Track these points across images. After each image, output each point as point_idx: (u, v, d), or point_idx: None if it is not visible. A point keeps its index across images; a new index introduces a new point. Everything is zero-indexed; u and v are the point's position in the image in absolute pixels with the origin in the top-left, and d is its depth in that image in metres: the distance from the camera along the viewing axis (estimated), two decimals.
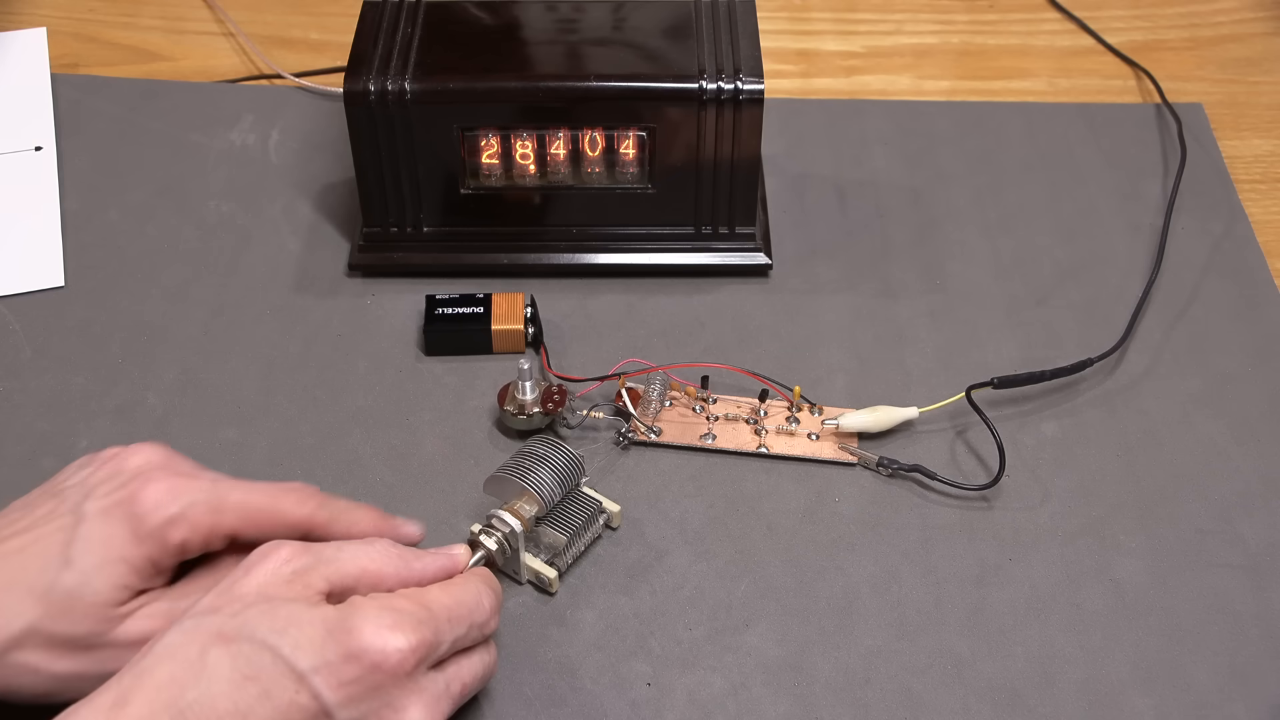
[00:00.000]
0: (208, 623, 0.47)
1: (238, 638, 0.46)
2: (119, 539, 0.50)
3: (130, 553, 0.50)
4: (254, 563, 0.49)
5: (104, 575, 0.50)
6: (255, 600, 0.48)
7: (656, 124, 0.69)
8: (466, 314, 0.69)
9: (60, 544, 0.50)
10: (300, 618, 0.47)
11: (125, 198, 0.78)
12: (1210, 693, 0.56)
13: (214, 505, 0.52)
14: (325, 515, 0.54)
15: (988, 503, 0.63)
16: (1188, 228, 0.77)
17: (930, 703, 0.56)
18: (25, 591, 0.49)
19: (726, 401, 0.67)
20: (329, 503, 0.54)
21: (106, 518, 0.50)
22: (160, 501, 0.51)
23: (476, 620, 0.51)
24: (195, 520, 0.51)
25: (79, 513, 0.51)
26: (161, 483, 0.51)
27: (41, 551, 0.50)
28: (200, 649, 0.46)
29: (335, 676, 0.46)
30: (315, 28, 0.92)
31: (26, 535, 0.50)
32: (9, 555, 0.50)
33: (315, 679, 0.46)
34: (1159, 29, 0.93)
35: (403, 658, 0.48)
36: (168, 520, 0.51)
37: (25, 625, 0.49)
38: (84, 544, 0.50)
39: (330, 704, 0.46)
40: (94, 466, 0.53)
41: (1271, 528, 0.62)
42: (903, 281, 0.74)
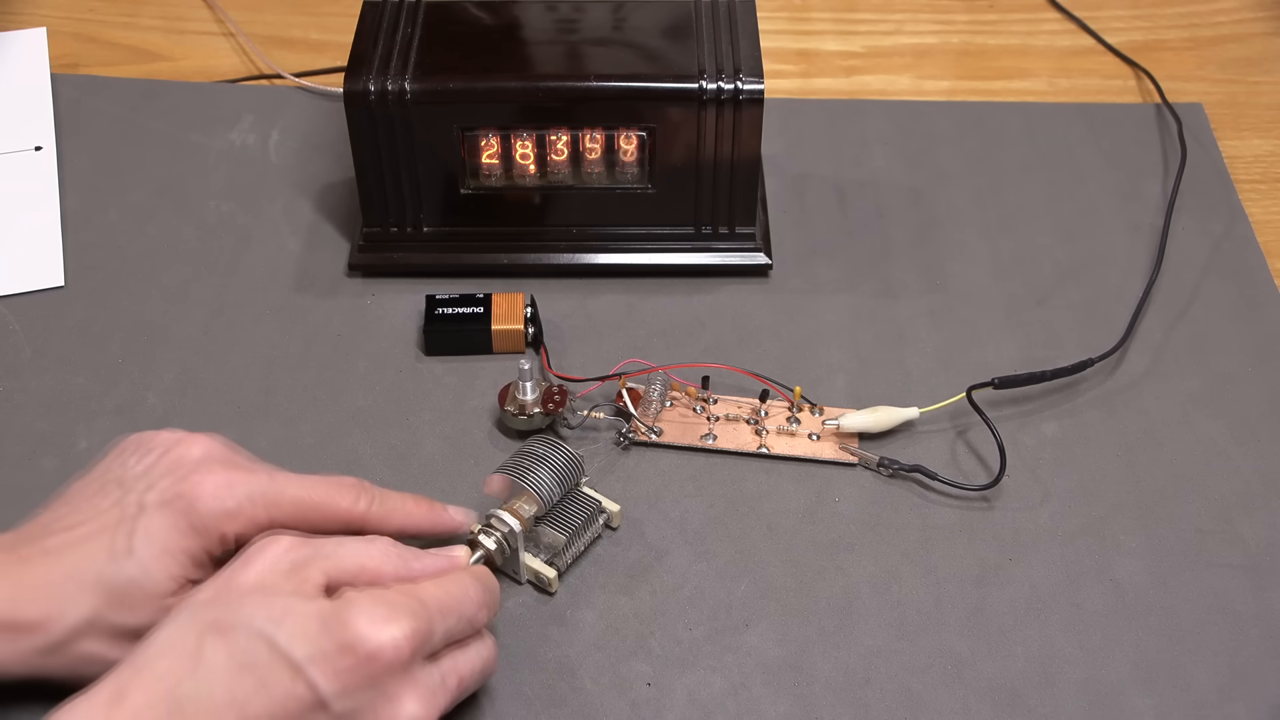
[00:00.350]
0: (204, 614, 0.47)
1: (234, 629, 0.46)
2: (176, 531, 0.51)
3: (187, 544, 0.52)
4: (252, 555, 0.50)
5: (161, 566, 0.51)
6: (252, 592, 0.48)
7: (656, 124, 0.69)
8: (466, 314, 0.69)
9: (123, 535, 0.51)
10: (296, 609, 0.47)
11: (125, 198, 0.78)
12: (1210, 693, 0.56)
13: (270, 500, 0.53)
14: (379, 511, 0.55)
15: (988, 503, 0.63)
16: (1188, 228, 0.77)
17: (930, 703, 0.56)
18: (88, 581, 0.50)
19: (727, 402, 0.67)
20: (381, 498, 0.55)
21: (166, 510, 0.52)
22: (217, 496, 0.52)
23: (465, 612, 0.51)
24: (250, 515, 0.52)
25: (141, 504, 0.52)
26: (219, 477, 0.52)
27: (103, 542, 0.51)
28: (197, 640, 0.46)
29: (331, 667, 0.47)
30: (315, 28, 0.92)
31: (90, 525, 0.52)
32: (74, 545, 0.51)
33: (311, 669, 0.46)
34: (1159, 29, 0.93)
35: (398, 648, 0.48)
36: (224, 514, 0.52)
37: (87, 615, 0.50)
38: (144, 536, 0.51)
39: (326, 694, 0.46)
40: (156, 454, 0.54)
41: (1271, 528, 0.62)
42: (903, 281, 0.74)
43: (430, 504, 0.57)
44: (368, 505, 0.55)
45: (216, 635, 0.46)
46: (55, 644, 0.50)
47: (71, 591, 0.50)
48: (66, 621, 0.50)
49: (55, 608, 0.50)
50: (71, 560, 0.51)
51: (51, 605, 0.50)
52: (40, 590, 0.50)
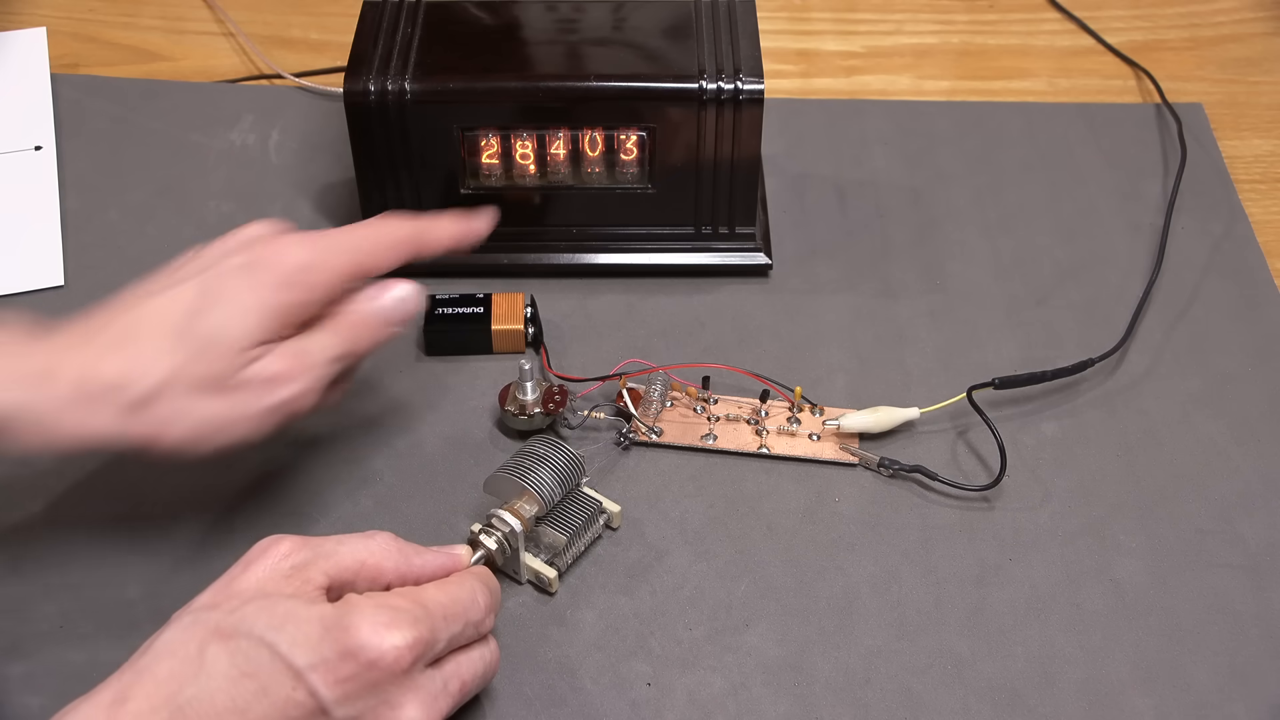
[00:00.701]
0: (206, 619, 0.47)
1: (235, 634, 0.46)
2: (260, 286, 0.55)
3: (266, 299, 0.54)
4: (253, 558, 0.50)
5: (242, 321, 0.54)
6: (253, 596, 0.48)
7: (656, 124, 0.69)
8: (466, 314, 0.69)
9: (200, 293, 0.54)
10: (298, 615, 0.47)
11: (125, 198, 0.78)
12: (1210, 693, 0.56)
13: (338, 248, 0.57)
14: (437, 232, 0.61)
15: (988, 503, 0.63)
16: (1188, 228, 0.77)
17: (930, 703, 0.56)
18: (169, 335, 0.53)
19: (727, 402, 0.67)
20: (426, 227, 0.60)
21: (243, 272, 0.55)
22: (293, 253, 0.56)
23: (472, 618, 0.52)
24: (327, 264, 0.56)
25: (221, 270, 0.55)
26: (291, 238, 0.57)
27: (183, 299, 0.54)
28: (199, 645, 0.46)
29: (332, 674, 0.47)
30: (315, 28, 0.92)
31: (171, 289, 0.55)
32: (152, 305, 0.54)
33: (312, 676, 0.46)
34: (1159, 29, 0.93)
35: (399, 655, 0.48)
36: (300, 267, 0.55)
37: (168, 369, 0.53)
38: (223, 292, 0.54)
39: (327, 701, 0.46)
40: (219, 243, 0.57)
41: (1271, 528, 0.62)
42: (903, 281, 0.74)
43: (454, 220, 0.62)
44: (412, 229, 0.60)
45: (218, 641, 0.46)
46: (137, 400, 0.52)
47: (150, 348, 0.53)
48: (148, 378, 0.52)
49: (136, 365, 0.53)
50: (151, 318, 0.54)
51: (132, 362, 0.53)
52: (119, 349, 0.53)
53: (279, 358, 0.55)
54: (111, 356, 0.53)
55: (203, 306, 0.54)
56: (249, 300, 0.54)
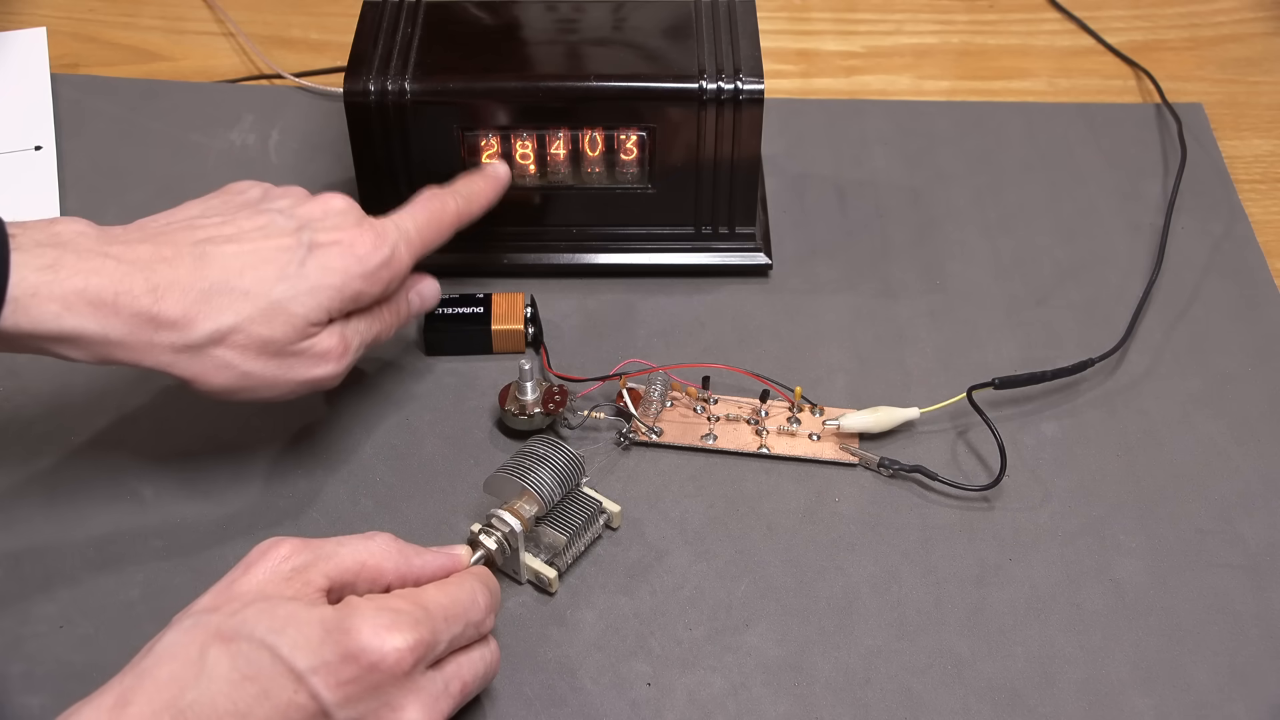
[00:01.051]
0: (207, 621, 0.47)
1: (236, 637, 0.46)
2: (338, 272, 0.57)
3: (345, 285, 0.57)
4: (253, 560, 0.50)
5: (316, 297, 0.56)
6: (254, 599, 0.48)
7: (656, 124, 0.69)
8: (466, 314, 0.69)
9: (283, 263, 0.56)
10: (299, 617, 0.47)
11: (125, 198, 0.78)
12: (1210, 693, 0.56)
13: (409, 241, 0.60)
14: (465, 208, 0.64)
15: (988, 503, 0.63)
16: (1188, 228, 0.77)
17: (930, 703, 0.56)
18: (240, 295, 0.54)
19: (727, 402, 0.67)
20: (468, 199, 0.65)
21: (330, 252, 0.57)
22: (377, 246, 0.58)
23: (473, 619, 0.52)
24: (400, 260, 0.59)
25: (300, 238, 0.57)
26: (373, 229, 0.58)
27: (264, 261, 0.55)
28: (200, 648, 0.46)
29: (333, 676, 0.47)
30: (315, 28, 0.92)
31: (245, 244, 0.56)
32: (227, 258, 0.55)
33: (313, 679, 0.46)
34: (1159, 29, 0.93)
35: (400, 657, 0.48)
36: (382, 263, 0.58)
37: (230, 324, 0.54)
38: (305, 268, 0.56)
39: (328, 704, 0.46)
40: (292, 199, 0.59)
41: (1271, 528, 0.62)
42: (903, 281, 0.74)
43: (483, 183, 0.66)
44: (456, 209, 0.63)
45: (219, 644, 0.46)
46: (193, 344, 0.54)
47: (221, 300, 0.54)
48: (209, 326, 0.54)
49: (200, 310, 0.54)
50: (223, 271, 0.54)
51: (197, 307, 0.54)
52: (185, 291, 0.53)
53: (329, 336, 0.57)
54: (178, 295, 0.53)
55: (285, 272, 0.55)
56: (331, 281, 0.56)
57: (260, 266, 0.55)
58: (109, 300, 0.52)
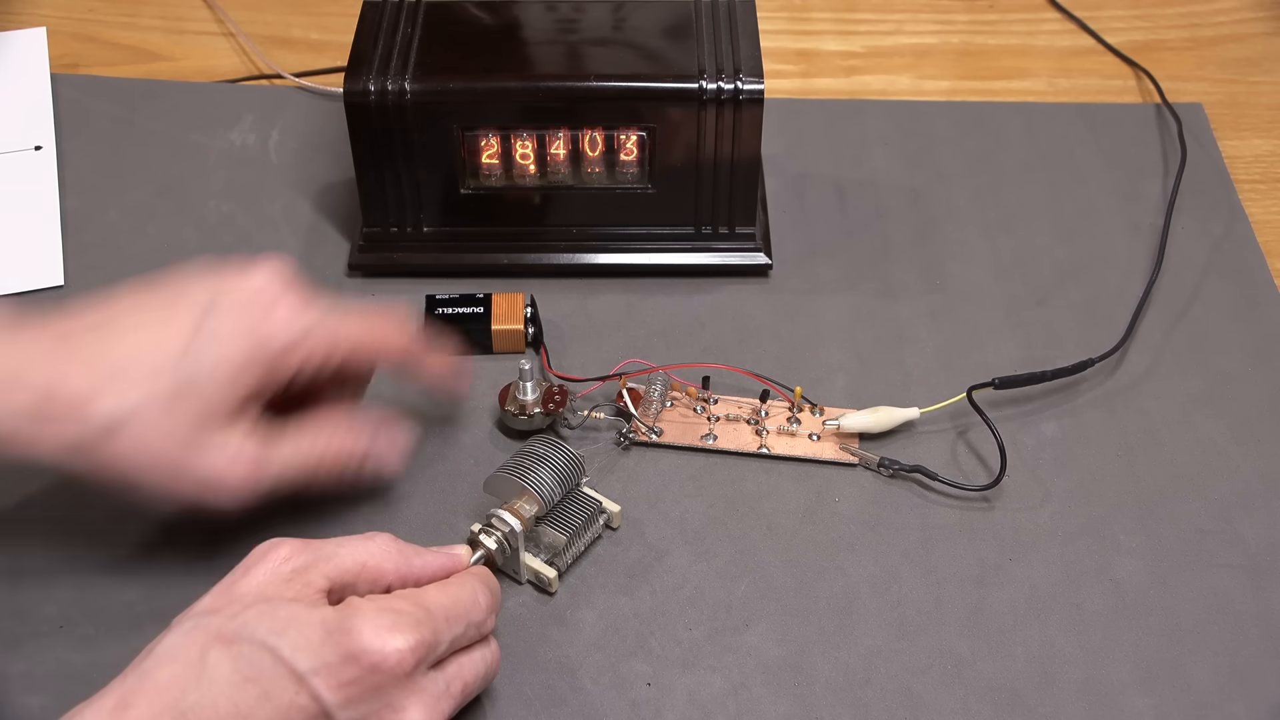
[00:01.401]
0: (207, 623, 0.47)
1: (237, 639, 0.46)
2: (242, 350, 0.53)
3: (249, 364, 0.53)
4: (254, 561, 0.50)
5: (218, 377, 0.53)
6: (255, 600, 0.48)
7: (656, 124, 0.69)
8: (466, 314, 0.69)
9: (186, 336, 0.53)
10: (300, 619, 0.47)
11: (125, 198, 0.78)
12: (1210, 693, 0.56)
13: (330, 336, 0.56)
14: (418, 347, 0.60)
15: (988, 503, 0.63)
16: (1188, 228, 0.77)
17: (930, 703, 0.56)
18: (146, 370, 0.52)
19: (727, 402, 0.67)
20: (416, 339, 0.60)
21: (236, 317, 0.54)
22: (287, 323, 0.54)
23: (474, 619, 0.52)
24: (312, 348, 0.55)
25: (208, 313, 0.53)
26: (288, 306, 0.54)
27: (166, 338, 0.53)
28: (200, 650, 0.46)
29: (335, 678, 0.47)
30: (315, 28, 0.92)
31: (153, 316, 0.54)
32: (133, 332, 0.52)
33: (315, 680, 0.46)
34: (1159, 29, 0.93)
35: (401, 658, 0.48)
36: (290, 345, 0.54)
37: (132, 405, 0.51)
38: (208, 344, 0.53)
39: (330, 705, 0.46)
40: (219, 277, 0.56)
41: (1271, 528, 0.62)
42: (903, 281, 0.74)
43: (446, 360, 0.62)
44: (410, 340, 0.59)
45: (220, 646, 0.46)
46: (94, 430, 0.51)
47: (122, 380, 0.51)
48: (109, 407, 0.51)
49: (100, 388, 0.51)
50: (129, 348, 0.52)
51: (97, 386, 0.51)
52: (93, 367, 0.51)
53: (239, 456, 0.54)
54: (78, 373, 0.51)
55: (186, 350, 0.52)
56: (232, 358, 0.53)
57: (161, 343, 0.52)
58: (13, 376, 0.50)
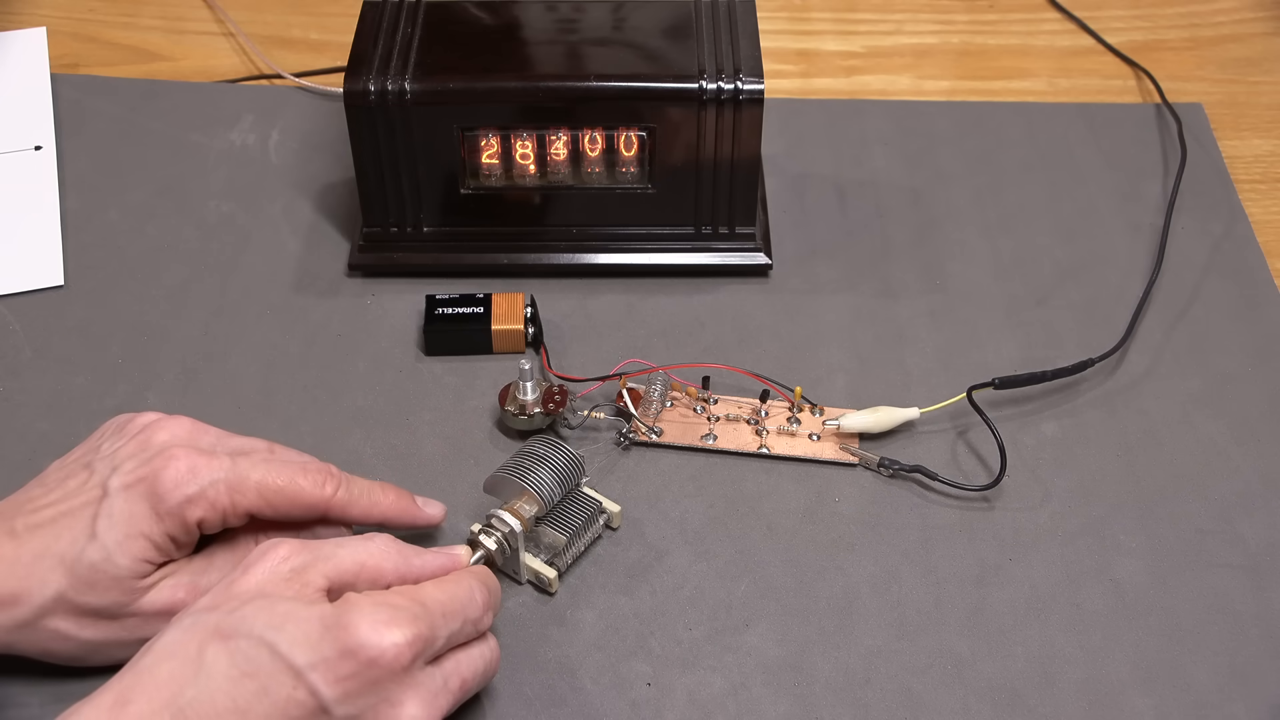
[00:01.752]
0: (206, 620, 0.47)
1: (235, 634, 0.46)
2: (140, 516, 0.52)
3: (150, 529, 0.52)
4: (253, 561, 0.50)
5: (125, 550, 0.51)
6: (253, 597, 0.48)
7: (656, 124, 0.69)
8: (466, 314, 0.69)
9: (88, 518, 0.52)
10: (297, 614, 0.47)
11: (125, 198, 0.78)
12: (1210, 693, 0.56)
13: (233, 485, 0.53)
14: (344, 496, 0.55)
15: (988, 503, 0.63)
16: (1188, 228, 0.77)
17: (930, 703, 0.56)
18: (56, 562, 0.51)
19: (727, 402, 0.67)
20: (349, 483, 0.55)
21: (129, 494, 0.52)
22: (179, 481, 0.52)
23: (470, 616, 0.52)
24: (213, 500, 0.53)
25: (105, 487, 0.52)
26: (182, 462, 0.53)
27: (70, 524, 0.52)
28: (198, 646, 0.46)
29: (332, 672, 0.47)
30: (315, 28, 0.92)
31: (59, 506, 0.53)
32: (42, 525, 0.52)
33: (312, 675, 0.46)
34: (1159, 29, 0.93)
35: (399, 652, 0.48)
36: (186, 500, 0.52)
37: (54, 594, 0.51)
38: (107, 520, 0.51)
39: (328, 700, 0.46)
40: (125, 438, 0.55)
41: (1271, 528, 0.62)
42: (903, 281, 0.74)
43: (400, 494, 0.57)
44: (333, 491, 0.55)
45: (218, 641, 0.46)
46: (25, 620, 0.51)
47: (41, 571, 0.51)
48: (35, 600, 0.51)
49: (25, 585, 0.51)
50: (41, 540, 0.51)
51: (20, 584, 0.51)
52: (9, 569, 0.51)
53: (176, 587, 0.53)
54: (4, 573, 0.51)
55: (85, 533, 0.51)
56: (128, 528, 0.51)
57: (67, 530, 0.51)
58: None
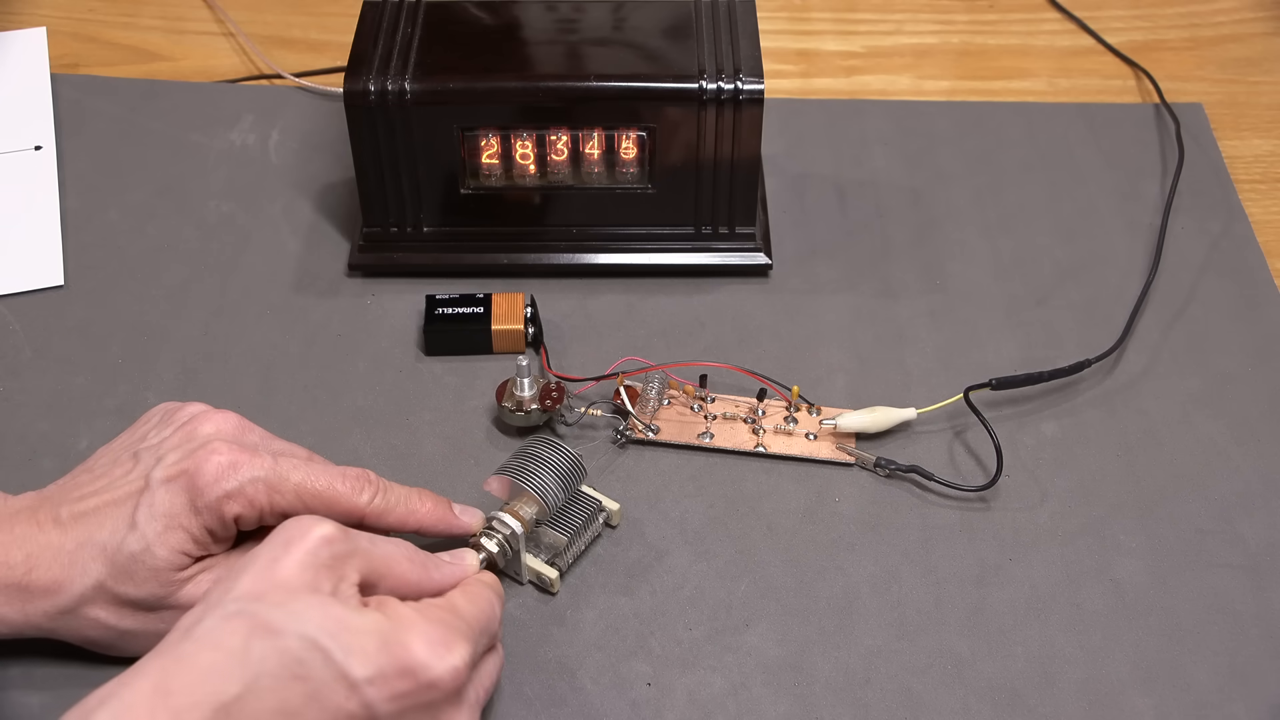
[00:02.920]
0: (249, 609, 0.46)
1: (284, 632, 0.45)
2: (179, 509, 0.52)
3: (188, 522, 0.52)
4: (292, 539, 0.48)
5: (164, 541, 0.52)
6: (300, 590, 0.47)
7: (656, 124, 0.69)
8: (466, 314, 0.69)
9: (129, 509, 0.52)
10: (352, 623, 0.46)
11: (125, 198, 0.78)
12: (1210, 693, 0.56)
13: (272, 485, 0.53)
14: (380, 504, 0.55)
15: (988, 503, 0.63)
16: (1187, 228, 0.77)
17: (930, 703, 0.56)
18: (97, 551, 0.52)
19: (725, 400, 0.67)
20: (386, 491, 0.55)
21: (170, 487, 0.52)
22: (219, 476, 0.52)
23: (493, 629, 0.52)
24: (251, 497, 0.53)
25: (148, 479, 0.53)
26: (224, 457, 0.53)
27: (112, 514, 0.52)
28: (244, 639, 0.45)
29: (389, 688, 0.46)
30: (315, 28, 0.92)
31: (103, 495, 0.53)
32: (86, 514, 0.52)
33: (369, 689, 0.46)
34: (1159, 29, 0.93)
35: (456, 675, 0.48)
36: (224, 495, 0.52)
37: (95, 582, 0.51)
38: (148, 511, 0.52)
39: (381, 715, 0.46)
40: (171, 428, 0.55)
41: (1271, 528, 0.62)
42: (903, 281, 0.74)
43: (438, 501, 0.57)
44: (370, 498, 0.55)
45: (265, 637, 0.45)
46: (65, 608, 0.52)
47: (83, 559, 0.52)
48: (75, 588, 0.52)
49: (67, 574, 0.52)
50: (85, 529, 0.52)
51: (64, 571, 0.52)
52: (54, 556, 0.52)
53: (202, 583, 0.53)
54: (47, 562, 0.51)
55: (125, 524, 0.52)
56: (168, 520, 0.52)
57: (109, 520, 0.52)
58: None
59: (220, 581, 0.48)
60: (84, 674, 0.55)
